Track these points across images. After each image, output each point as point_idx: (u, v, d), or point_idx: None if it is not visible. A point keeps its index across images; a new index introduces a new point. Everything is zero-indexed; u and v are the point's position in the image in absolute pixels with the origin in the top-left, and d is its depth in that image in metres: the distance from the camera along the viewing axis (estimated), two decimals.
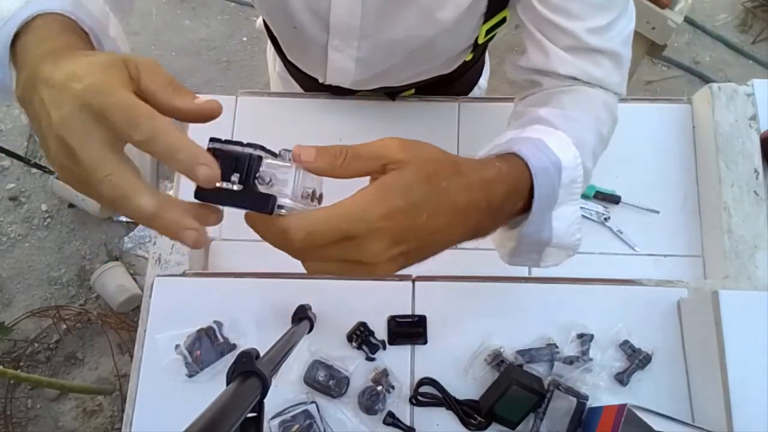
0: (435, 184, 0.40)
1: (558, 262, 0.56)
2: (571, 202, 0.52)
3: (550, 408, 0.68)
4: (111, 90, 0.34)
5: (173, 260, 0.77)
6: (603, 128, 0.59)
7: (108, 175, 0.34)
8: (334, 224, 0.36)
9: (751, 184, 0.76)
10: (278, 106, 0.88)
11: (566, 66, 0.59)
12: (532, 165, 0.47)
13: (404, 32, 0.67)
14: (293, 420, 0.68)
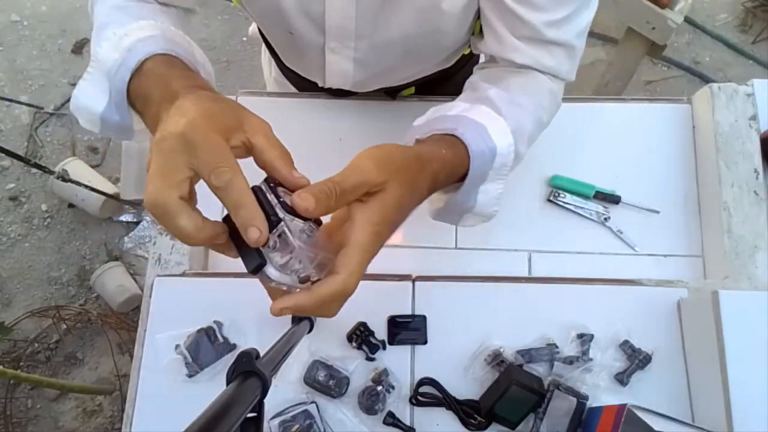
0: (414, 186, 0.47)
1: (474, 225, 0.64)
2: (498, 181, 0.59)
3: (550, 408, 0.68)
4: (209, 130, 0.40)
5: (173, 260, 0.77)
6: (543, 115, 0.64)
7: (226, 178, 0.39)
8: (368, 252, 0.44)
9: (751, 184, 0.76)
10: (278, 106, 0.88)
11: (519, 56, 0.62)
12: (471, 150, 0.54)
13: (401, 31, 0.67)
14: (293, 420, 0.68)
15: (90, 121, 0.55)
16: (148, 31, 0.54)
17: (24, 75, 2.26)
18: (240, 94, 0.89)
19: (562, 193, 0.82)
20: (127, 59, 0.50)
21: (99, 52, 0.53)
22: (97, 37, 0.56)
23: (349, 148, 0.93)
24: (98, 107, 0.53)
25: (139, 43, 0.52)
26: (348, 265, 0.43)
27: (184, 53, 0.54)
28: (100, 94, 0.53)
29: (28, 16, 2.36)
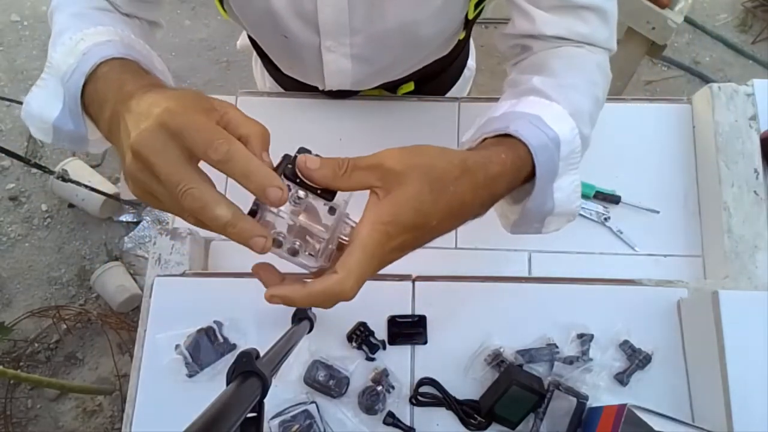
0: (442, 189, 0.42)
1: (559, 228, 0.58)
2: (570, 172, 0.53)
3: (550, 408, 0.68)
4: (188, 112, 0.38)
5: (173, 260, 0.77)
6: (598, 91, 0.59)
7: (189, 188, 0.37)
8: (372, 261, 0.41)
9: (751, 184, 0.76)
10: (278, 106, 0.88)
11: (552, 27, 0.59)
12: (531, 145, 0.48)
13: (397, 20, 0.66)
14: (293, 420, 0.68)
15: (42, 130, 0.53)
16: (106, 36, 0.52)
17: (24, 75, 2.26)
18: (240, 94, 0.89)
19: None
20: (81, 63, 0.48)
21: (54, 57, 0.51)
22: (53, 43, 0.54)
23: (349, 149, 0.93)
24: (51, 115, 0.51)
25: (96, 48, 0.50)
26: (346, 264, 0.40)
27: (142, 59, 0.52)
28: (54, 100, 0.51)
29: (28, 16, 2.36)
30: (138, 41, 0.55)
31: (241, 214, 0.37)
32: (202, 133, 0.37)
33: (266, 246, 0.38)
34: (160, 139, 0.37)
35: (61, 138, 0.53)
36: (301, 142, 0.42)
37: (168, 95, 0.40)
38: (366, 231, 0.40)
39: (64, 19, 0.57)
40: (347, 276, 0.40)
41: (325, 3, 0.63)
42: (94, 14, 0.58)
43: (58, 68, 0.50)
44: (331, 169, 0.40)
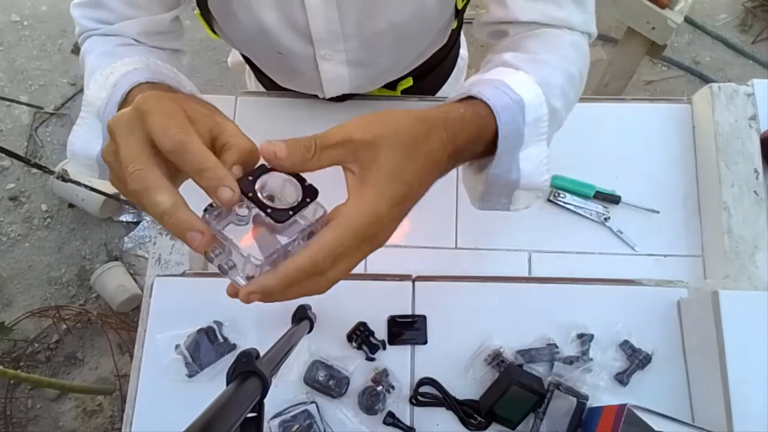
0: (415, 152, 0.41)
1: (528, 205, 0.56)
2: (538, 143, 0.52)
3: (550, 408, 0.68)
4: (165, 101, 0.38)
5: (173, 260, 0.77)
6: (571, 67, 0.58)
7: (137, 169, 0.36)
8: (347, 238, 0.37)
9: (751, 184, 0.76)
10: (278, 107, 0.88)
11: (526, 12, 0.59)
12: (492, 105, 0.47)
13: (386, 21, 0.66)
14: (293, 420, 0.68)
15: (88, 166, 0.55)
16: (133, 65, 0.54)
17: (24, 75, 2.26)
18: (240, 94, 0.89)
19: (562, 193, 0.82)
20: (113, 94, 0.50)
21: (88, 95, 0.53)
22: (87, 82, 0.57)
23: None
24: (94, 150, 0.53)
25: (123, 78, 0.51)
26: (321, 239, 0.37)
27: (170, 81, 0.54)
28: (95, 137, 0.53)
29: (28, 16, 2.36)
30: (165, 66, 0.58)
31: (181, 205, 0.36)
32: (163, 119, 0.36)
33: (202, 244, 0.35)
34: (129, 122, 0.37)
35: (107, 171, 0.53)
36: None
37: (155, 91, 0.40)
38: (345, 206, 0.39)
39: (94, 59, 0.60)
40: (320, 249, 0.36)
41: (315, 13, 0.64)
42: (122, 50, 0.61)
43: (93, 104, 0.52)
44: (299, 154, 0.38)
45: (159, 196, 0.35)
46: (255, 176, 0.38)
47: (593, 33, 0.63)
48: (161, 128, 0.36)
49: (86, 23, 0.64)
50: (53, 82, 2.25)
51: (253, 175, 0.38)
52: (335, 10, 0.64)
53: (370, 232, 0.38)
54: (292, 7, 0.64)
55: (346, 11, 0.64)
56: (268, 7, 0.64)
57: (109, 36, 0.63)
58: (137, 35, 0.64)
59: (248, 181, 0.37)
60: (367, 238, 0.38)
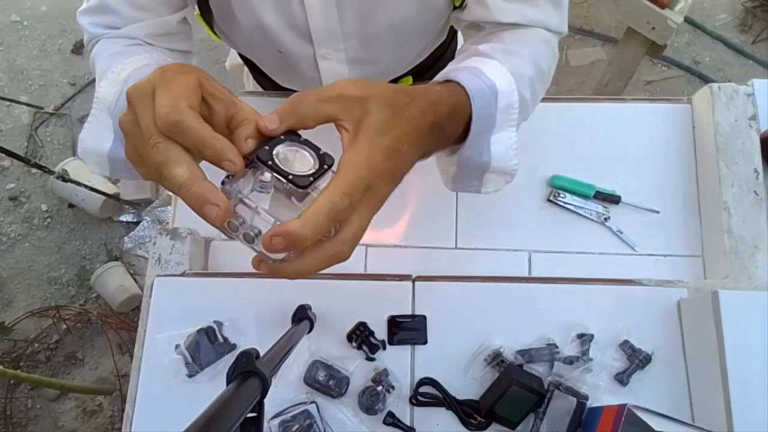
0: (400, 113, 0.42)
1: (498, 188, 0.58)
2: (508, 128, 0.54)
3: (550, 408, 0.68)
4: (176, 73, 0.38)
5: (173, 260, 0.77)
6: (542, 62, 0.60)
7: (158, 141, 0.36)
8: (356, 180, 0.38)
9: (751, 184, 0.76)
10: (278, 107, 0.88)
11: (506, 14, 0.61)
12: (468, 88, 0.50)
13: (385, 19, 0.66)
14: (293, 420, 0.68)
15: (98, 164, 0.55)
16: (144, 61, 0.55)
17: (24, 75, 2.26)
18: (240, 94, 0.89)
19: (562, 193, 0.82)
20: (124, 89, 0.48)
21: (99, 92, 0.53)
22: (98, 81, 0.57)
23: None
24: (105, 146, 0.53)
25: (135, 72, 0.52)
26: (332, 184, 0.38)
27: None
28: (105, 132, 0.53)
29: (28, 16, 2.36)
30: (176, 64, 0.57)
31: (199, 179, 0.36)
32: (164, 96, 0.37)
33: (219, 215, 0.36)
34: (148, 91, 0.38)
35: (118, 168, 0.54)
36: None
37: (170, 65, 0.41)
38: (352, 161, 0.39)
39: (105, 60, 0.60)
40: (332, 191, 0.37)
41: (314, 12, 0.64)
42: (132, 49, 0.61)
43: (104, 100, 0.53)
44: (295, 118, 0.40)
45: (177, 169, 0.36)
46: (271, 146, 0.39)
47: (565, 32, 0.65)
48: (158, 107, 0.37)
49: (94, 30, 0.64)
50: (53, 82, 2.25)
51: (269, 144, 0.39)
52: (334, 9, 0.64)
53: (368, 179, 0.39)
54: (291, 7, 0.64)
55: (346, 9, 0.64)
56: (268, 6, 0.64)
57: (118, 38, 0.63)
58: (145, 37, 0.64)
59: (265, 150, 0.39)
60: (369, 187, 0.39)
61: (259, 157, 0.38)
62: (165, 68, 0.39)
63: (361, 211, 0.40)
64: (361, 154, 0.39)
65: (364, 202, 0.39)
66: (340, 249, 0.39)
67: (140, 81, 0.39)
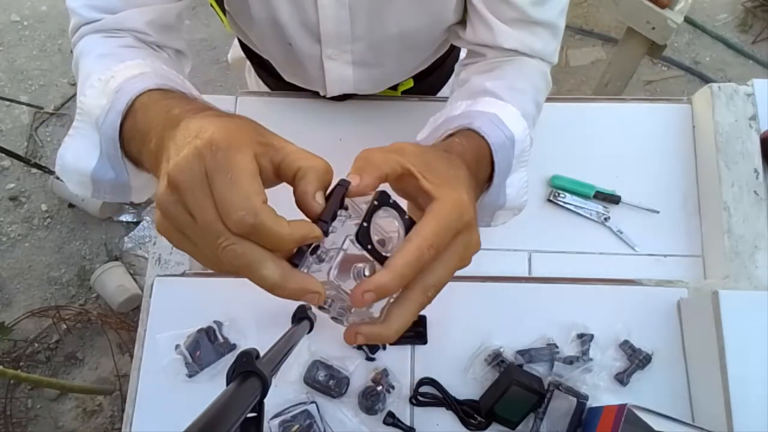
0: (454, 166, 0.43)
1: (506, 221, 0.61)
2: (521, 169, 0.57)
3: (550, 408, 0.68)
4: (233, 149, 0.33)
5: (173, 260, 0.77)
6: (540, 97, 0.63)
7: (231, 244, 0.32)
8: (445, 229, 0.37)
9: (751, 184, 0.76)
10: (278, 107, 0.88)
11: (509, 40, 0.62)
12: (492, 143, 0.51)
13: (398, 27, 0.67)
14: (293, 420, 0.68)
15: (80, 183, 0.49)
16: (137, 69, 0.48)
17: (24, 75, 2.26)
18: (240, 94, 0.89)
19: (562, 193, 0.82)
20: (115, 102, 0.44)
21: (85, 102, 0.47)
22: (81, 88, 0.50)
23: (350, 148, 0.92)
24: (88, 165, 0.47)
25: (128, 83, 0.45)
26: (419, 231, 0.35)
27: (180, 88, 0.48)
28: (90, 149, 0.47)
29: (28, 16, 2.36)
30: (171, 71, 0.52)
31: (289, 273, 0.33)
32: (231, 191, 0.32)
33: (319, 300, 0.34)
34: (198, 175, 0.32)
35: (102, 189, 0.49)
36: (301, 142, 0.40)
37: (218, 122, 0.35)
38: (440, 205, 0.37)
39: (91, 62, 0.53)
40: (419, 241, 0.35)
41: (326, 13, 0.64)
42: (121, 51, 0.54)
43: (91, 113, 0.46)
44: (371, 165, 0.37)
45: (264, 271, 0.32)
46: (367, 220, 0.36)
47: (556, 62, 0.67)
48: (227, 205, 0.31)
49: (85, 12, 0.56)
50: (53, 82, 2.25)
51: (367, 221, 0.36)
52: (347, 12, 0.64)
53: (457, 227, 0.37)
54: (305, 5, 0.64)
55: (358, 14, 0.65)
56: (283, 2, 0.64)
57: (109, 36, 0.56)
58: (144, 26, 0.57)
59: (365, 230, 0.35)
60: (460, 228, 0.37)
61: (360, 240, 0.35)
62: (215, 143, 0.33)
63: (448, 260, 0.38)
64: (447, 201, 0.37)
65: (451, 249, 0.38)
66: (424, 297, 0.37)
67: (184, 159, 0.33)
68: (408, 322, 0.37)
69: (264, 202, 0.33)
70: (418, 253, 0.35)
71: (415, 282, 0.37)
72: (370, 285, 0.34)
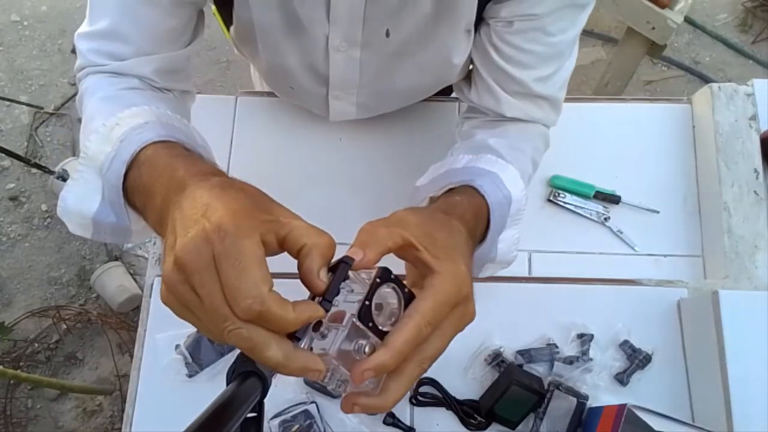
0: (454, 232, 0.45)
1: (493, 273, 0.62)
2: (514, 227, 0.59)
3: (550, 408, 0.68)
4: (240, 235, 0.33)
5: None
6: (538, 157, 0.67)
7: (237, 328, 0.33)
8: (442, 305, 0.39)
9: (751, 184, 0.76)
10: (278, 107, 0.88)
11: (513, 110, 0.64)
12: (490, 202, 0.54)
13: (403, 84, 0.70)
14: (293, 420, 0.68)
15: (81, 226, 0.50)
16: (142, 117, 0.48)
17: (24, 75, 2.26)
18: (240, 94, 0.89)
19: (562, 193, 0.82)
20: (120, 151, 0.45)
21: (89, 148, 0.47)
22: (85, 131, 0.51)
23: (350, 148, 0.93)
24: (90, 209, 0.48)
25: (133, 132, 0.46)
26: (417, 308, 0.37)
27: (184, 138, 0.49)
28: (92, 193, 0.48)
29: (28, 16, 2.36)
30: (176, 117, 0.52)
31: (292, 353, 0.34)
32: (240, 279, 0.32)
33: (320, 377, 0.36)
34: (206, 258, 0.33)
35: (102, 231, 0.49)
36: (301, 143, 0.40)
37: (225, 200, 0.35)
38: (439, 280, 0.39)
39: (94, 103, 0.54)
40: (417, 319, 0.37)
41: (337, 66, 0.66)
42: (126, 95, 0.55)
43: (95, 158, 0.47)
44: (374, 240, 0.38)
45: (268, 353, 0.33)
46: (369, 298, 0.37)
47: (555, 125, 0.70)
48: (234, 292, 0.32)
49: (94, 57, 0.57)
50: (53, 82, 2.25)
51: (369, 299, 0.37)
52: (357, 67, 0.66)
53: (455, 301, 0.39)
54: (315, 56, 0.66)
55: (367, 69, 0.67)
56: (293, 52, 0.66)
57: (114, 77, 0.57)
58: (151, 73, 0.58)
59: (366, 308, 0.36)
60: (458, 302, 0.40)
61: (362, 318, 0.36)
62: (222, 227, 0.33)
63: (445, 332, 0.40)
64: (446, 277, 0.39)
65: (448, 321, 0.40)
66: (420, 369, 0.39)
67: (192, 242, 0.33)
68: (404, 393, 0.39)
69: (270, 289, 0.33)
70: (416, 330, 0.37)
71: (413, 356, 0.38)
72: (370, 364, 0.36)
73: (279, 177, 0.83)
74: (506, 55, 0.61)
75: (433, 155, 0.64)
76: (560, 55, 0.62)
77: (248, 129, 0.86)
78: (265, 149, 0.85)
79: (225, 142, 0.85)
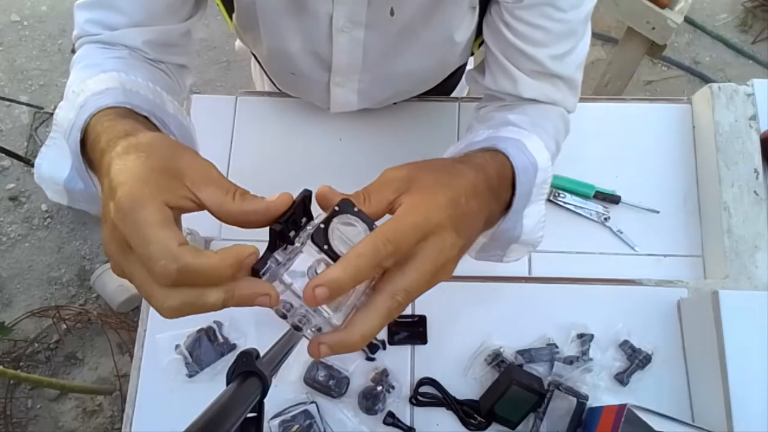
0: (450, 171, 0.42)
1: (519, 257, 0.59)
2: (539, 201, 0.55)
3: (550, 408, 0.68)
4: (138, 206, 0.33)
5: None
6: (560, 137, 0.63)
7: (165, 302, 0.32)
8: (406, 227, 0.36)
9: (751, 184, 0.76)
10: (278, 107, 0.88)
11: (530, 90, 0.62)
12: (515, 165, 0.50)
13: (406, 66, 0.69)
14: (293, 420, 0.68)
15: (56, 192, 0.50)
16: (105, 84, 0.48)
17: (24, 75, 2.26)
18: (240, 94, 0.89)
19: (562, 193, 0.82)
20: (78, 117, 0.45)
21: (58, 114, 0.48)
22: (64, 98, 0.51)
23: (349, 148, 0.93)
24: (62, 175, 0.48)
25: (92, 99, 0.46)
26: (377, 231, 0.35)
27: (147, 105, 0.48)
28: (63, 159, 0.48)
29: (28, 16, 2.36)
30: (145, 84, 0.51)
31: (233, 285, 0.33)
32: (147, 247, 0.32)
33: (272, 303, 0.34)
34: (120, 245, 0.34)
35: (76, 199, 0.50)
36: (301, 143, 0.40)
37: (125, 170, 0.35)
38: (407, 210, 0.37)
39: (76, 72, 0.54)
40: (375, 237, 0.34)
41: (340, 49, 0.65)
42: (105, 62, 0.55)
43: (62, 125, 0.47)
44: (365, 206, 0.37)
45: (208, 301, 0.32)
46: (326, 222, 0.35)
47: (574, 111, 0.67)
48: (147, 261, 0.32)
49: (88, 27, 0.57)
50: (53, 82, 2.25)
51: (325, 223, 0.35)
52: (360, 50, 0.65)
53: (423, 228, 0.36)
54: (318, 40, 0.65)
55: (370, 53, 0.66)
56: (296, 35, 0.65)
57: (105, 48, 0.57)
58: (142, 44, 0.58)
59: (320, 231, 0.35)
60: (425, 236, 0.36)
61: (315, 240, 0.34)
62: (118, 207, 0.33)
63: (419, 263, 0.37)
64: (415, 204, 0.37)
65: (422, 252, 0.37)
66: (392, 301, 0.36)
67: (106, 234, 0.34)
68: (375, 327, 0.36)
69: (180, 244, 0.32)
70: (372, 245, 0.34)
71: (383, 285, 0.36)
72: (321, 279, 0.33)
73: (279, 177, 0.83)
74: (518, 32, 0.59)
75: (433, 155, 0.63)
76: (573, 33, 0.60)
77: (248, 129, 0.86)
78: (265, 149, 0.85)
79: (225, 142, 0.85)
